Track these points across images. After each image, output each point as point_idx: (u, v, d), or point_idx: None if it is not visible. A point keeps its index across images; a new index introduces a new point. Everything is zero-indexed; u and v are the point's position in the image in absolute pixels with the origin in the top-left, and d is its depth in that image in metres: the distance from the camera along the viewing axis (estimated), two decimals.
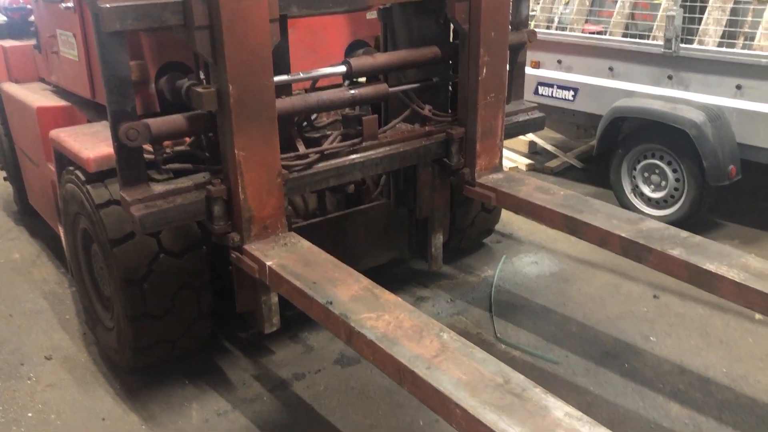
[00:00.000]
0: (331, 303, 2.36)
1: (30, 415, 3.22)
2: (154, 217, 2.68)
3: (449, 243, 4.21)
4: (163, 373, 3.42)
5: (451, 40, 3.59)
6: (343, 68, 3.14)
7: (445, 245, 3.98)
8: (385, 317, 2.28)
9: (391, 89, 3.30)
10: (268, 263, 2.65)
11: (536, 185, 3.37)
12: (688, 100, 4.67)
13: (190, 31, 2.55)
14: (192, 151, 3.02)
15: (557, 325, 3.78)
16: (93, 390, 3.38)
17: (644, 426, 3.01)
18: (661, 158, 4.85)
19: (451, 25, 3.50)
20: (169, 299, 3.15)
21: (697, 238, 2.89)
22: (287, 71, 3.02)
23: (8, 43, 5.04)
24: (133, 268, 3.06)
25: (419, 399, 2.08)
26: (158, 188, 2.74)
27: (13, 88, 4.69)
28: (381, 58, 3.26)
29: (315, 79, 3.21)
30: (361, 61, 3.20)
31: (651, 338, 3.63)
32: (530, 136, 6.58)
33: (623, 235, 2.90)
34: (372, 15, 3.93)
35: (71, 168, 3.35)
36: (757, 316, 3.74)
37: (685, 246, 2.80)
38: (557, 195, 3.27)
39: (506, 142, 6.52)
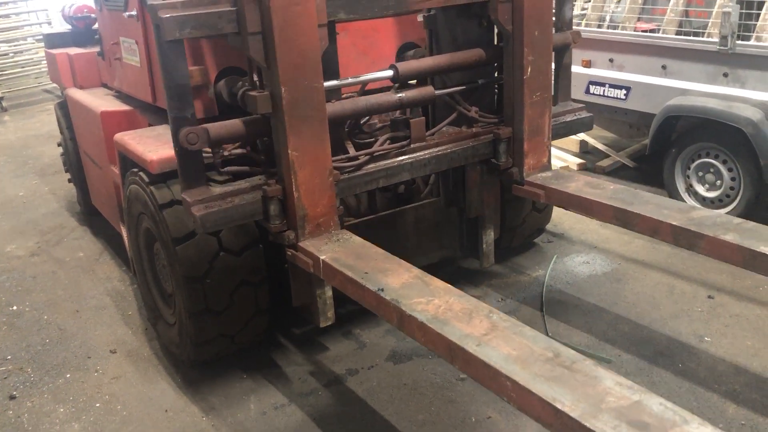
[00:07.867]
0: (382, 290, 2.44)
1: (98, 405, 3.38)
2: (215, 217, 2.79)
3: (500, 242, 4.23)
4: (222, 367, 3.55)
5: (495, 42, 3.62)
6: (390, 72, 3.23)
7: (495, 244, 4.00)
8: (435, 301, 2.35)
9: (437, 92, 3.36)
10: (322, 257, 2.74)
11: (585, 181, 3.38)
12: (745, 97, 4.58)
13: (244, 38, 2.67)
14: (248, 155, 3.13)
15: (609, 324, 3.77)
16: (156, 382, 3.52)
17: None
18: (716, 157, 4.78)
19: (495, 28, 3.53)
20: (229, 295, 3.27)
21: (750, 223, 2.86)
22: (336, 76, 3.11)
23: (73, 50, 5.27)
24: (194, 265, 3.18)
25: (470, 375, 2.13)
26: (217, 190, 2.87)
27: (78, 94, 4.90)
28: (426, 62, 3.33)
29: (363, 83, 3.30)
30: (407, 65, 3.28)
31: (705, 338, 3.58)
32: (581, 136, 6.53)
33: (674, 223, 2.89)
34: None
35: (135, 170, 3.49)
36: None
37: (737, 231, 2.79)
38: (607, 189, 3.28)
39: (557, 142, 6.54)
